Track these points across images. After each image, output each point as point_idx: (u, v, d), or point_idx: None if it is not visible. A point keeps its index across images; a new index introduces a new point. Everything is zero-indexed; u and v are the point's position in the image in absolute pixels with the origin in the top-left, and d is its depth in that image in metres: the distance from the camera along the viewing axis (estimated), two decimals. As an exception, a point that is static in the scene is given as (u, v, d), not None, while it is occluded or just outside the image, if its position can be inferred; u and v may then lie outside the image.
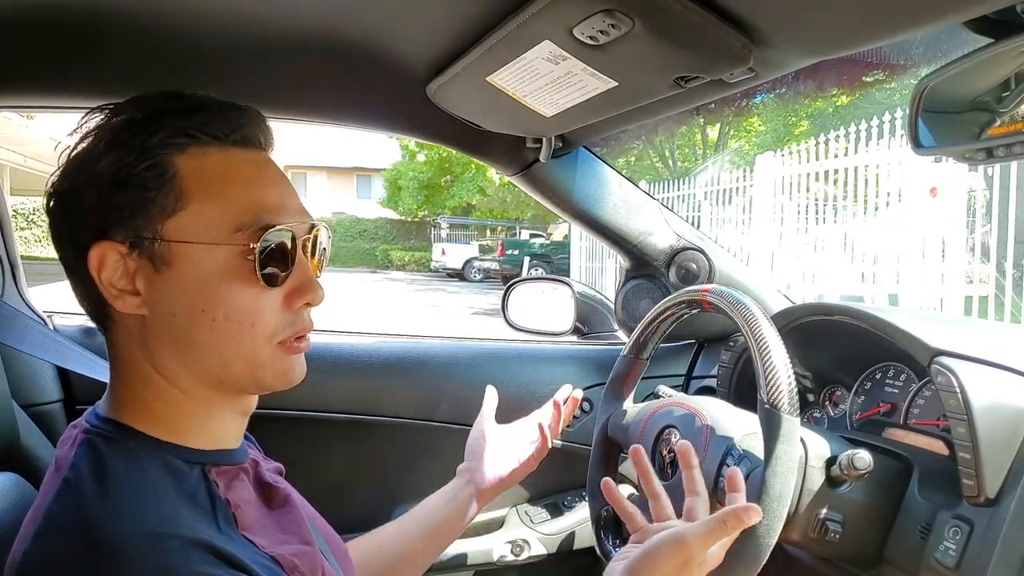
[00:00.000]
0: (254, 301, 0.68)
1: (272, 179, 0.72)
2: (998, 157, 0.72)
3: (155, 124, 0.68)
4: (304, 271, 0.72)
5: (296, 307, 0.71)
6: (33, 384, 1.25)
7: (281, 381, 0.73)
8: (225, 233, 0.67)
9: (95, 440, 0.67)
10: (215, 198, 0.68)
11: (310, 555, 0.72)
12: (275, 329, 0.70)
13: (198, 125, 0.69)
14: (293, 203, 0.73)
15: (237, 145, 0.71)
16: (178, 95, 0.72)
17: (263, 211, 0.69)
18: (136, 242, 0.67)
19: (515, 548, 1.48)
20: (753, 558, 0.80)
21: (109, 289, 0.68)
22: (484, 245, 21.85)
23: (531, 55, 0.85)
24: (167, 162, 0.67)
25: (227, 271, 0.67)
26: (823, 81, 9.91)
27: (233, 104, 0.73)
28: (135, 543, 0.58)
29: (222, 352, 0.69)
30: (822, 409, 1.24)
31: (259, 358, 0.70)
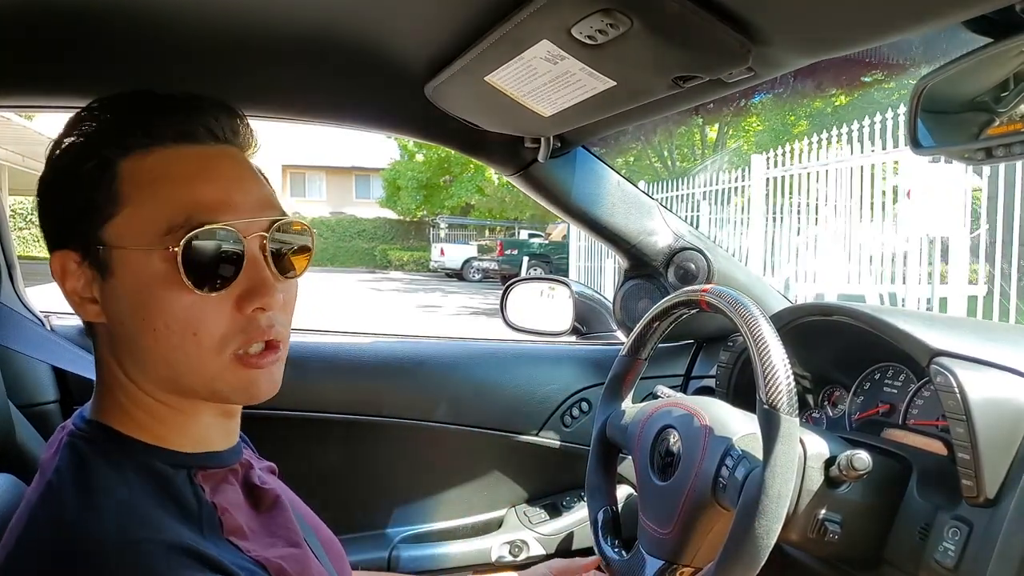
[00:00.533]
0: (193, 308, 0.64)
1: (216, 175, 0.67)
2: (997, 157, 0.72)
3: (104, 126, 0.67)
4: (256, 272, 0.66)
5: (247, 312, 0.66)
6: (30, 384, 1.24)
7: (242, 396, 0.69)
8: (156, 236, 0.63)
9: (78, 443, 0.66)
10: (149, 199, 0.64)
11: (298, 557, 0.71)
12: (223, 338, 0.65)
13: (140, 124, 0.66)
14: (246, 199, 0.67)
15: (179, 142, 0.67)
16: (133, 94, 0.69)
17: (197, 210, 0.64)
18: (85, 250, 0.66)
19: (514, 549, 1.47)
20: (752, 559, 0.80)
21: (73, 297, 0.67)
22: (483, 245, 21.86)
23: (529, 55, 0.85)
24: (110, 165, 0.65)
25: (161, 277, 0.63)
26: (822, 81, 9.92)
27: (184, 99, 0.69)
28: (116, 550, 0.58)
29: (170, 363, 0.66)
30: (821, 409, 1.24)
31: (209, 370, 0.66)
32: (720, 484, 0.89)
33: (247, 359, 0.67)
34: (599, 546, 1.07)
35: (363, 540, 1.45)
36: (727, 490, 0.87)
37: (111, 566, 0.57)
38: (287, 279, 0.70)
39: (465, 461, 1.53)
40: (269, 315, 0.67)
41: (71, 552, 0.58)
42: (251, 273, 0.66)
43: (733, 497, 0.85)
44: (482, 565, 1.47)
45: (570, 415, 1.52)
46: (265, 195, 0.70)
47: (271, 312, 0.67)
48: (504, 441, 1.49)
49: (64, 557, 0.58)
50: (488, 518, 1.52)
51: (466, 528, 1.51)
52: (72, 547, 0.58)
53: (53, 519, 0.61)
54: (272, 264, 0.68)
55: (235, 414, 0.76)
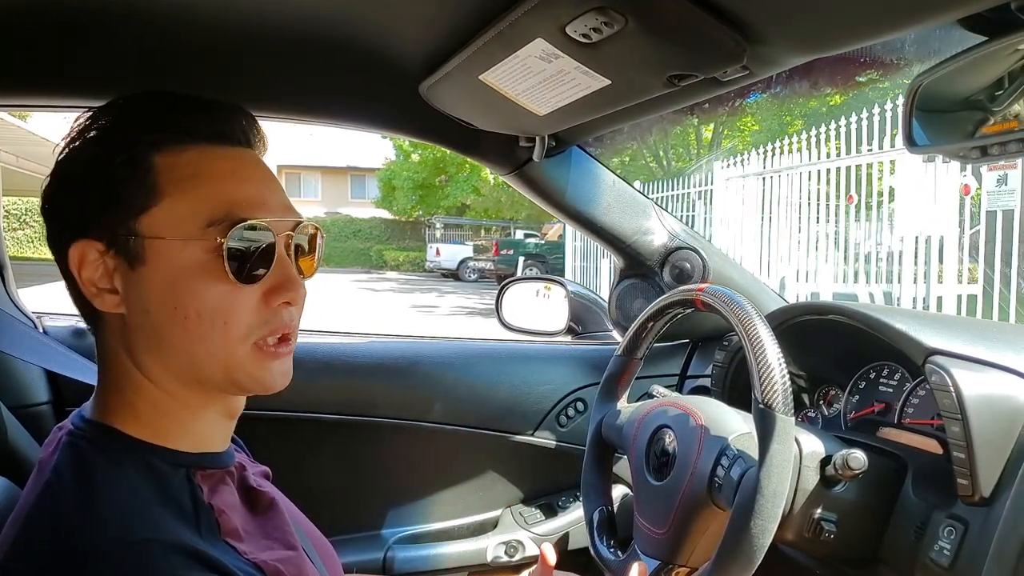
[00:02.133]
0: (226, 298, 0.67)
1: (250, 175, 0.71)
2: (992, 155, 0.72)
3: (132, 123, 0.69)
4: (284, 269, 0.70)
5: (274, 305, 0.70)
6: (21, 385, 1.24)
7: (259, 386, 0.71)
8: (197, 228, 0.66)
9: (78, 442, 0.67)
10: (188, 194, 0.67)
11: (294, 560, 0.71)
12: (249, 328, 0.69)
13: (174, 122, 0.69)
14: (275, 200, 0.71)
15: (214, 142, 0.70)
16: (158, 94, 0.71)
17: (236, 206, 0.68)
18: (112, 240, 0.67)
19: (509, 549, 1.47)
20: (748, 559, 0.80)
21: (89, 288, 0.68)
22: (479, 245, 21.84)
23: (524, 53, 0.85)
24: (142, 159, 0.67)
25: (198, 267, 0.66)
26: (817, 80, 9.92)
27: (215, 101, 0.72)
28: (116, 550, 0.58)
29: (195, 351, 0.68)
30: (816, 409, 1.24)
31: (233, 358, 0.69)
32: (716, 484, 0.89)
33: (266, 349, 0.70)
34: (595, 546, 1.07)
35: (358, 541, 1.45)
36: (723, 490, 0.87)
37: (111, 566, 0.57)
38: (304, 277, 0.74)
39: (460, 461, 1.52)
40: (291, 310, 0.71)
41: (70, 552, 0.58)
42: (280, 269, 0.70)
43: (729, 497, 0.85)
44: (478, 566, 1.47)
45: (566, 415, 1.52)
46: (285, 198, 0.74)
47: (293, 307, 0.71)
48: (500, 441, 1.49)
49: (63, 557, 0.58)
50: (484, 518, 1.52)
51: (462, 529, 1.51)
52: (72, 547, 0.58)
53: (52, 519, 0.61)
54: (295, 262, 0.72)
55: (236, 415, 0.77)
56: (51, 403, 1.28)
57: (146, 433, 0.68)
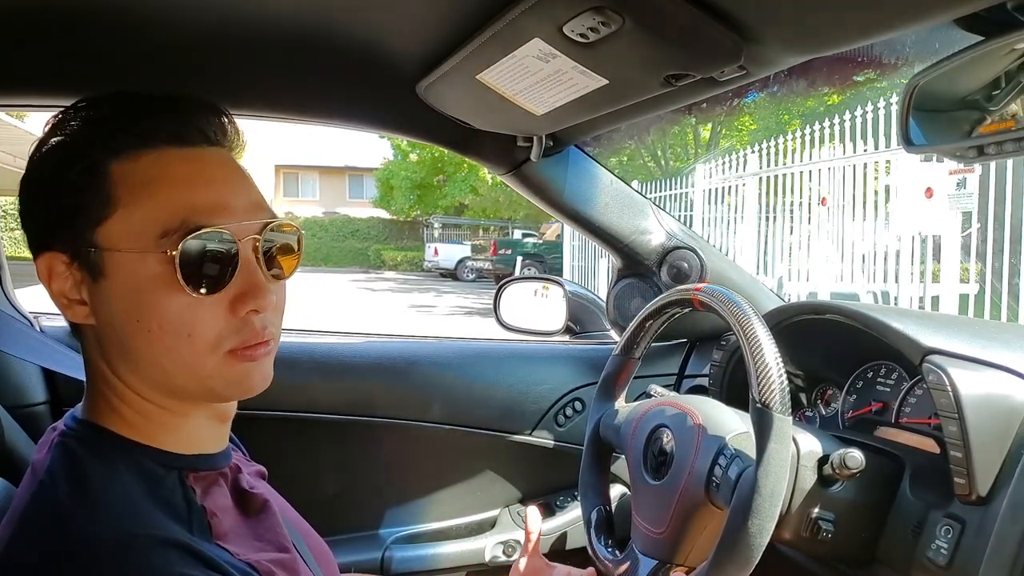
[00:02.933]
0: (188, 310, 0.64)
1: (211, 177, 0.67)
2: (989, 155, 0.72)
3: (91, 128, 0.67)
4: (250, 275, 0.66)
5: (241, 314, 0.66)
6: (18, 386, 1.23)
7: (236, 390, 0.69)
8: (152, 239, 0.63)
9: (70, 443, 0.66)
10: (142, 202, 0.64)
11: (287, 563, 0.71)
12: (217, 338, 0.66)
13: (131, 125, 0.66)
14: (239, 201, 0.68)
15: (173, 144, 0.67)
16: (121, 96, 0.69)
17: (193, 213, 0.64)
18: (75, 252, 0.66)
19: (507, 549, 1.47)
20: (745, 558, 0.80)
21: (60, 299, 0.67)
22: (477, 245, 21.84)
23: (521, 53, 0.85)
24: (100, 166, 0.65)
25: (156, 280, 0.64)
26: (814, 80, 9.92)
27: (180, 99, 0.69)
28: (111, 544, 0.58)
29: (163, 363, 0.66)
30: (814, 408, 1.24)
31: (203, 369, 0.66)
32: (713, 483, 0.89)
33: (240, 353, 0.67)
34: (592, 546, 1.07)
35: (356, 541, 1.45)
36: (720, 489, 0.87)
37: (106, 562, 0.57)
38: (278, 280, 0.71)
39: (458, 461, 1.52)
40: (262, 316, 0.68)
41: (66, 547, 0.58)
42: (245, 276, 0.66)
43: (726, 496, 0.85)
44: (476, 565, 1.46)
45: (563, 415, 1.52)
46: (256, 197, 0.70)
47: (264, 314, 0.68)
48: (497, 441, 1.49)
49: (58, 554, 0.58)
50: (481, 518, 1.52)
51: (459, 528, 1.51)
52: (66, 544, 0.58)
53: (46, 517, 0.61)
54: (264, 266, 0.68)
55: (227, 418, 0.76)
56: (48, 403, 1.27)
57: (136, 435, 0.68)
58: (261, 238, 0.68)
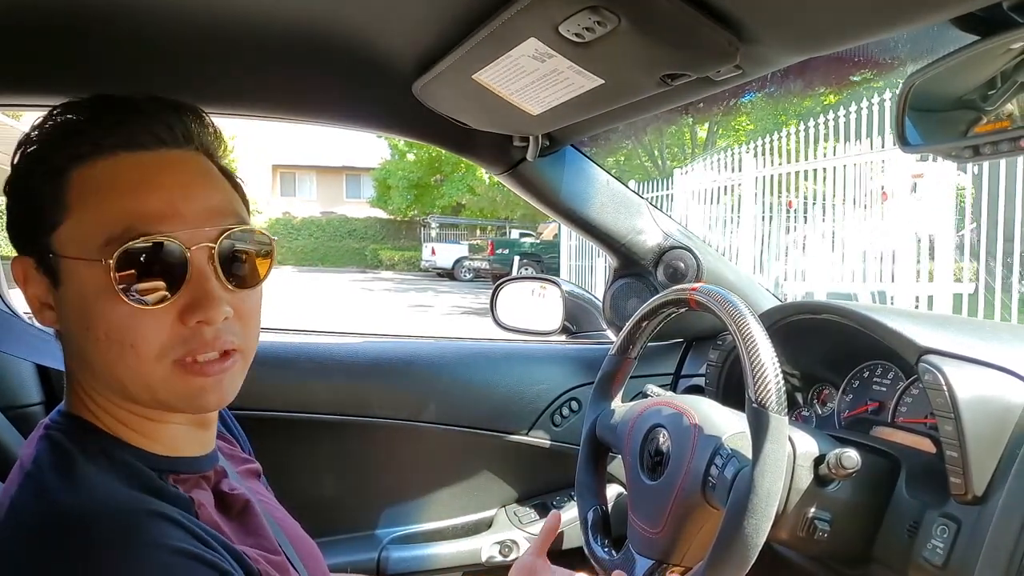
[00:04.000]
0: (130, 319, 0.62)
1: (162, 182, 0.65)
2: (985, 155, 0.72)
3: (57, 134, 0.66)
4: (199, 285, 0.64)
5: (190, 324, 0.64)
6: (13, 386, 1.23)
7: (187, 404, 0.66)
8: (96, 247, 0.62)
9: (54, 435, 0.66)
10: (91, 209, 0.63)
11: (274, 562, 0.70)
12: (162, 348, 0.63)
13: (90, 131, 0.65)
14: (192, 207, 0.65)
15: (130, 149, 0.65)
16: (95, 100, 0.67)
17: (139, 220, 0.62)
18: (39, 258, 0.66)
19: (503, 549, 1.47)
20: (741, 557, 0.80)
21: (34, 303, 0.67)
22: (474, 244, 21.83)
23: (517, 52, 0.85)
24: (61, 173, 0.64)
25: (100, 288, 0.62)
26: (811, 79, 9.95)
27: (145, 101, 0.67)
28: (102, 518, 0.58)
29: (114, 372, 0.65)
30: (810, 408, 1.24)
31: (150, 379, 0.64)
32: (710, 483, 0.89)
33: (192, 366, 0.65)
34: (589, 546, 1.07)
35: (352, 541, 1.45)
36: (716, 489, 0.87)
37: (99, 534, 0.57)
38: (242, 289, 0.68)
39: (455, 461, 1.52)
40: (215, 328, 0.65)
41: (57, 526, 0.58)
42: (195, 286, 0.64)
43: (723, 496, 0.85)
44: (472, 565, 1.46)
45: (560, 414, 1.52)
46: (216, 202, 0.68)
47: (217, 325, 0.65)
48: (494, 441, 1.49)
49: (50, 532, 0.58)
50: (478, 518, 1.52)
51: (456, 528, 1.51)
52: (57, 522, 0.58)
53: (35, 500, 0.61)
54: (222, 275, 0.66)
55: (209, 425, 0.74)
56: (43, 404, 1.27)
57: (119, 432, 0.68)
58: (216, 245, 0.65)
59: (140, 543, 0.57)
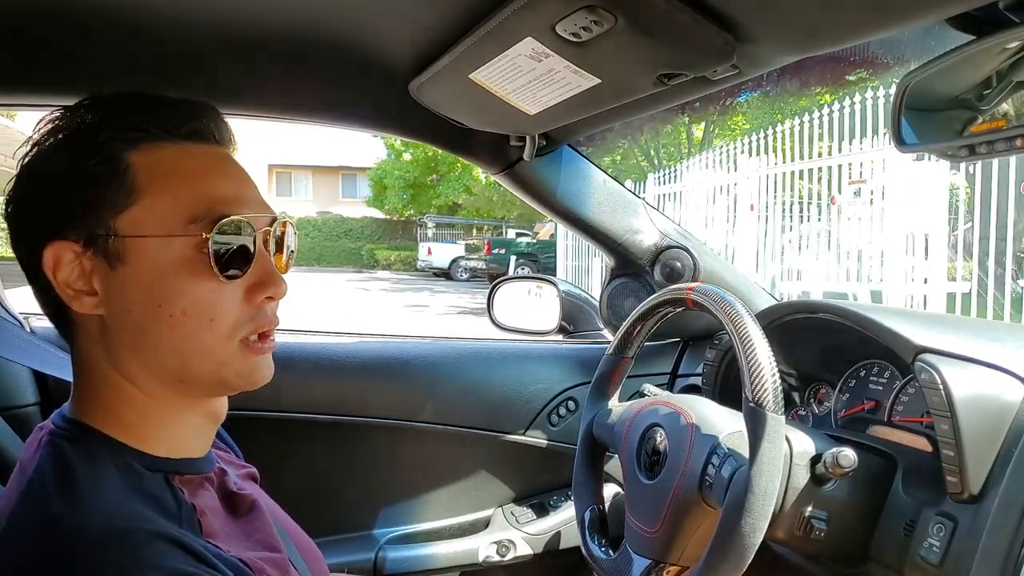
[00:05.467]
0: (212, 294, 0.67)
1: (227, 171, 0.71)
2: (980, 154, 0.72)
3: (106, 122, 0.68)
4: (265, 264, 0.71)
5: (257, 301, 0.70)
6: (8, 387, 1.23)
7: (245, 381, 0.71)
8: (179, 225, 0.66)
9: (59, 442, 0.66)
10: (168, 191, 0.67)
11: (278, 562, 0.71)
12: (236, 324, 0.69)
13: (148, 120, 0.68)
14: (252, 196, 0.72)
15: (190, 139, 0.70)
16: (130, 94, 0.70)
17: (217, 202, 0.68)
18: (90, 240, 0.66)
19: (501, 548, 1.47)
20: (738, 557, 0.80)
21: (65, 290, 0.67)
22: (470, 244, 21.81)
23: (513, 52, 0.85)
24: (119, 158, 0.66)
25: (183, 264, 0.66)
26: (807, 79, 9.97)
27: (186, 100, 0.72)
28: (102, 539, 0.57)
29: (182, 349, 0.67)
30: (807, 407, 1.24)
31: (220, 355, 0.68)
32: (707, 482, 0.89)
33: (252, 346, 0.70)
34: (586, 545, 1.07)
35: (349, 542, 1.45)
36: (714, 488, 0.87)
37: (98, 556, 0.57)
38: (283, 272, 0.74)
39: (452, 461, 1.52)
40: (273, 305, 0.72)
41: (56, 545, 0.57)
42: (262, 264, 0.70)
43: (720, 495, 0.85)
44: (469, 565, 1.46)
45: (557, 414, 1.52)
46: (260, 194, 0.74)
47: (277, 302, 0.72)
48: (491, 441, 1.49)
49: (50, 550, 0.57)
50: (475, 518, 1.52)
51: (453, 528, 1.50)
52: (57, 539, 0.58)
53: (36, 514, 0.60)
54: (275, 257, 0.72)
55: (219, 419, 0.76)
56: (39, 405, 1.27)
57: (124, 435, 0.68)
58: (272, 229, 0.72)
59: (139, 566, 0.57)
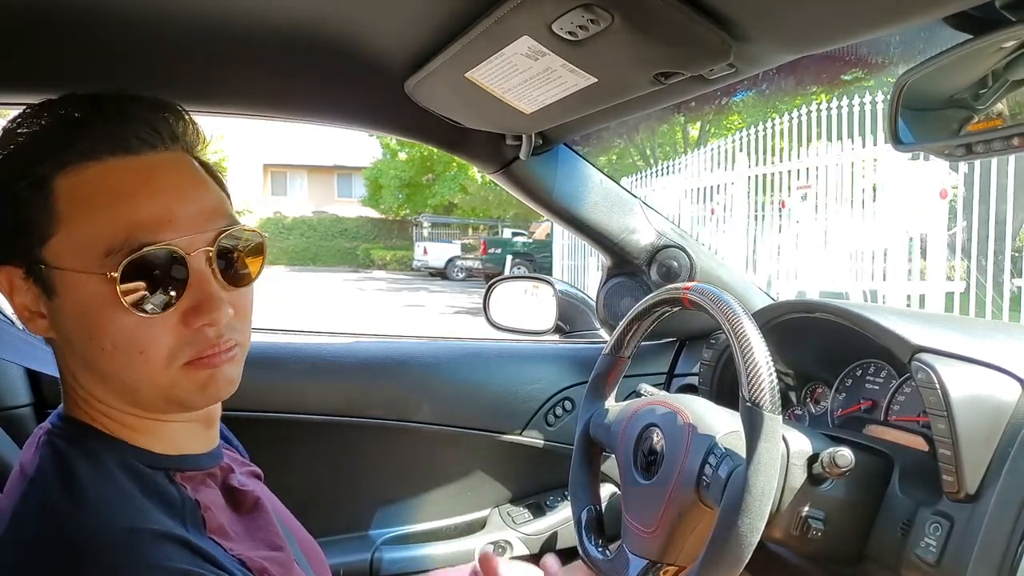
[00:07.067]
0: (136, 329, 0.62)
1: (156, 187, 0.64)
2: (978, 153, 0.72)
3: (39, 138, 0.64)
4: (201, 288, 0.64)
5: (195, 327, 0.64)
6: (2, 388, 1.22)
7: (201, 398, 0.67)
8: (95, 259, 0.61)
9: (57, 441, 0.66)
10: (86, 219, 0.62)
11: (280, 561, 0.70)
12: (171, 352, 0.64)
13: (76, 137, 0.63)
14: (187, 211, 0.64)
15: (118, 154, 0.63)
16: (68, 101, 0.66)
17: (138, 229, 0.61)
18: (28, 268, 0.64)
19: (497, 549, 1.47)
20: (736, 557, 0.80)
21: (23, 312, 0.66)
22: (466, 244, 21.81)
23: (510, 51, 0.84)
24: (45, 182, 0.63)
25: (102, 300, 0.61)
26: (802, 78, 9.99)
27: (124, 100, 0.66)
28: (106, 539, 0.57)
29: (124, 379, 0.65)
30: (803, 406, 1.24)
31: (164, 382, 0.64)
32: (704, 482, 0.88)
33: (199, 361, 0.65)
34: (583, 545, 1.06)
35: (346, 542, 1.44)
36: (711, 488, 0.87)
37: (102, 558, 0.56)
38: (238, 288, 0.68)
39: (448, 461, 1.52)
40: (219, 327, 0.65)
41: (59, 543, 0.57)
42: (197, 290, 0.64)
43: (717, 495, 0.85)
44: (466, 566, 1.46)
45: (553, 414, 1.51)
46: (209, 203, 0.67)
47: (220, 325, 0.65)
48: (487, 441, 1.49)
49: (52, 549, 0.57)
50: (472, 519, 1.51)
51: (449, 529, 1.50)
52: (60, 539, 0.57)
53: (38, 513, 0.60)
54: (220, 276, 0.66)
55: (213, 422, 0.75)
56: (32, 405, 1.26)
57: (122, 433, 0.67)
58: (214, 248, 0.65)
59: (141, 564, 0.57)
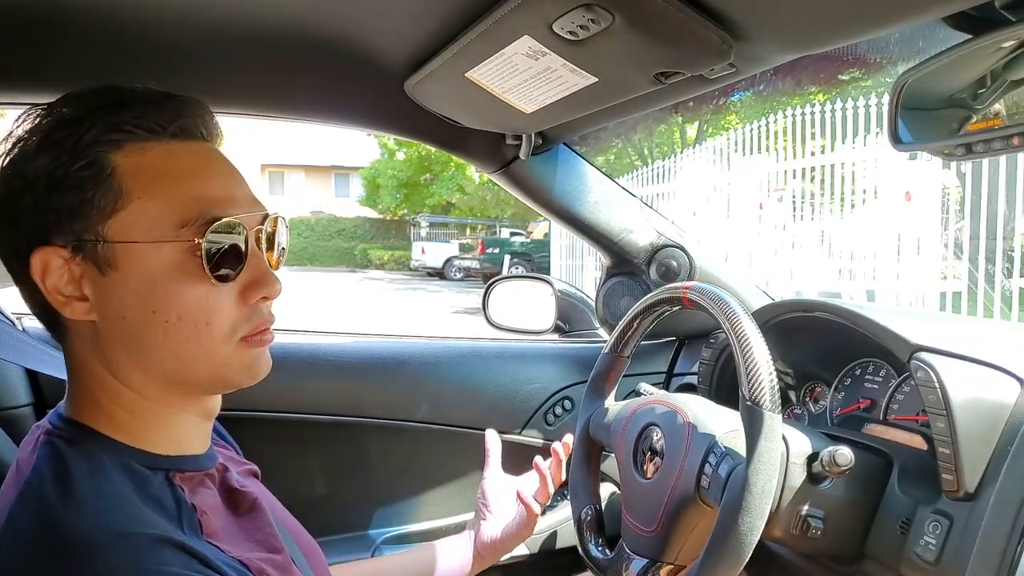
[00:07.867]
0: (207, 299, 0.66)
1: (217, 170, 0.69)
2: (977, 153, 0.72)
3: (89, 121, 0.65)
4: (259, 264, 0.69)
5: (252, 302, 0.69)
6: (1, 388, 1.22)
7: (247, 377, 0.71)
8: (170, 230, 0.64)
9: (56, 442, 0.65)
10: (157, 194, 0.65)
11: (278, 562, 0.70)
12: (232, 326, 0.68)
13: (134, 119, 0.66)
14: (242, 194, 0.70)
15: (177, 138, 0.68)
16: (113, 89, 0.68)
17: (208, 204, 0.66)
18: (78, 245, 0.64)
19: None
20: (736, 555, 0.80)
21: (55, 296, 0.65)
22: (464, 244, 21.79)
23: (510, 50, 0.84)
24: (103, 160, 0.64)
25: (175, 269, 0.65)
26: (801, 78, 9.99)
27: (172, 95, 0.70)
28: (102, 542, 0.57)
29: (179, 354, 0.66)
30: (803, 406, 1.24)
31: (219, 357, 0.68)
32: (703, 481, 0.89)
33: (253, 338, 0.70)
34: (583, 545, 1.07)
35: (345, 542, 1.44)
36: (710, 487, 0.87)
37: (97, 560, 0.56)
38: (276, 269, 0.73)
39: (447, 461, 1.52)
40: (269, 303, 0.71)
41: (55, 547, 0.57)
42: (255, 264, 0.69)
43: (716, 494, 0.85)
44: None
45: (553, 413, 1.51)
46: (251, 191, 0.73)
47: (273, 300, 0.71)
48: None
49: (48, 551, 0.57)
50: (471, 518, 1.51)
51: (449, 528, 1.50)
52: (56, 542, 0.57)
53: (34, 514, 0.60)
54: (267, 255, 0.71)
55: (213, 415, 0.75)
56: (32, 405, 1.26)
57: (122, 435, 0.67)
58: (264, 228, 0.71)
59: (137, 568, 0.57)
